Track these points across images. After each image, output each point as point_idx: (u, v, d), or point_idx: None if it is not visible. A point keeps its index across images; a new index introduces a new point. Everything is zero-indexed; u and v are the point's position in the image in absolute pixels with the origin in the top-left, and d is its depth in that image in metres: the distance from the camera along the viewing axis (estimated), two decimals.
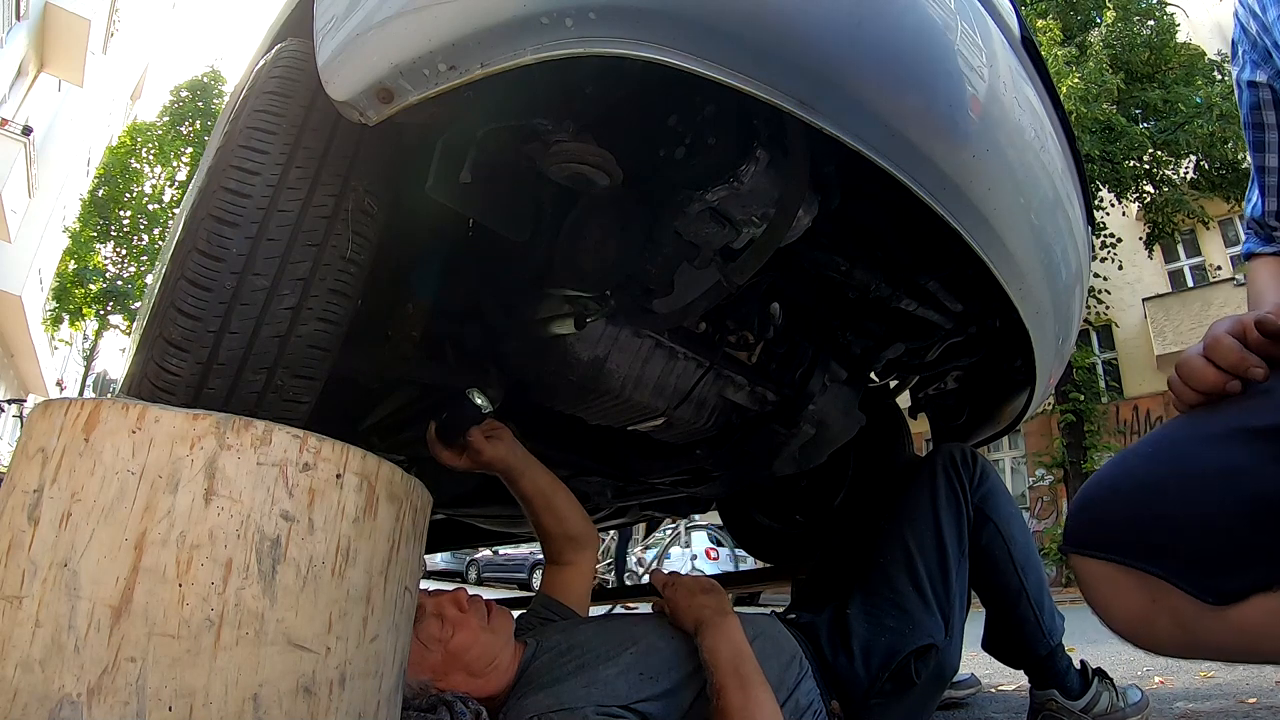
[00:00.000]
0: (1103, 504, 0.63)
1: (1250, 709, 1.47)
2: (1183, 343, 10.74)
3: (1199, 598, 0.55)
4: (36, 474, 0.60)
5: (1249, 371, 0.59)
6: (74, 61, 12.17)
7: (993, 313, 1.26)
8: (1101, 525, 0.62)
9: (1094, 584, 0.62)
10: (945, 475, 1.33)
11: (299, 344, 0.80)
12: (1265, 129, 0.91)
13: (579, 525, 1.27)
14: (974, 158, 0.78)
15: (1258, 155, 0.93)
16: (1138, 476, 0.62)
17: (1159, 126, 9.52)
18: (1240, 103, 0.93)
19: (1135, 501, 0.61)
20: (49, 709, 0.53)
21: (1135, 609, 0.60)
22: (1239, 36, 0.92)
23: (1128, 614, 0.60)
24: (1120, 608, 0.61)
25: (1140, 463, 0.63)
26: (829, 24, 0.66)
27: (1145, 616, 0.59)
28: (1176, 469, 0.59)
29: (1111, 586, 0.61)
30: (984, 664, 2.18)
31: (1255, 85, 0.90)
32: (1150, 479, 0.61)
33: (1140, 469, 0.63)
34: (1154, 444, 0.63)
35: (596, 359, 1.15)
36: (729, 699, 0.92)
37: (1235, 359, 0.60)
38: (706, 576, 1.19)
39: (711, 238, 0.92)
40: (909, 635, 1.19)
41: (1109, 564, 0.61)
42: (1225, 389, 0.60)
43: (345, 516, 0.65)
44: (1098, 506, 0.64)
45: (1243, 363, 0.59)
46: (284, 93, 0.84)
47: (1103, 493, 0.64)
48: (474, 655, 0.97)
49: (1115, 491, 0.63)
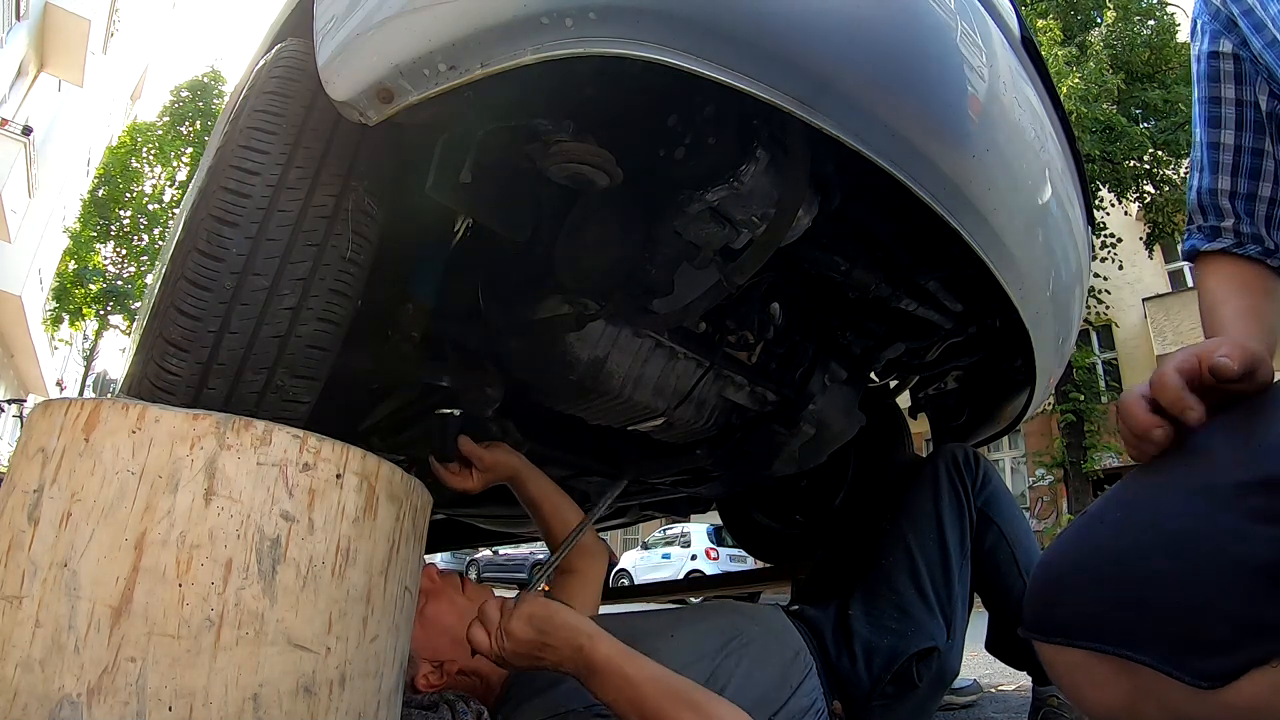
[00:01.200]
0: (1069, 585, 0.55)
1: None
2: (1183, 343, 10.71)
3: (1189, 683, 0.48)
4: (36, 474, 0.60)
5: (1184, 414, 0.51)
6: (74, 61, 12.17)
7: (993, 313, 1.26)
8: (1070, 610, 0.54)
9: (1066, 674, 0.55)
10: (948, 476, 1.33)
11: (299, 344, 0.80)
12: (1223, 103, 0.86)
13: (587, 534, 1.28)
14: (974, 158, 0.78)
15: (1212, 131, 0.87)
16: (1108, 550, 0.54)
17: (1159, 126, 9.53)
18: (1196, 79, 0.89)
19: (1108, 581, 0.52)
20: (49, 709, 0.53)
21: (1117, 699, 0.52)
22: (1199, 9, 0.89)
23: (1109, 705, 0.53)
24: (1099, 699, 0.53)
25: (1108, 532, 0.55)
26: (829, 24, 0.67)
27: (1128, 705, 0.52)
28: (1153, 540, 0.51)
29: (1087, 676, 0.53)
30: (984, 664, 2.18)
31: (1216, 55, 0.86)
32: (1120, 551, 0.53)
33: (1109, 541, 0.54)
34: (1118, 507, 0.56)
35: (596, 359, 1.15)
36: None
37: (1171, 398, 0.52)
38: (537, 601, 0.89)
39: (711, 238, 0.92)
40: (911, 637, 1.19)
41: (1080, 651, 0.53)
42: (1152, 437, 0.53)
43: (345, 516, 0.65)
44: (1063, 587, 0.56)
45: (1178, 404, 0.51)
46: (284, 93, 0.84)
47: (1066, 570, 0.56)
48: (452, 621, 0.96)
49: (1080, 567, 0.55)
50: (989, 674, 2.22)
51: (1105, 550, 0.54)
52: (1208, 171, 0.90)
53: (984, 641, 1.39)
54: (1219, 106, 0.87)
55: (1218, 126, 0.87)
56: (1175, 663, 0.48)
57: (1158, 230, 10.48)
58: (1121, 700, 0.52)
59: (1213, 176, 0.89)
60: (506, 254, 1.12)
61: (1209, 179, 0.89)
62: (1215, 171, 0.88)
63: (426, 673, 0.93)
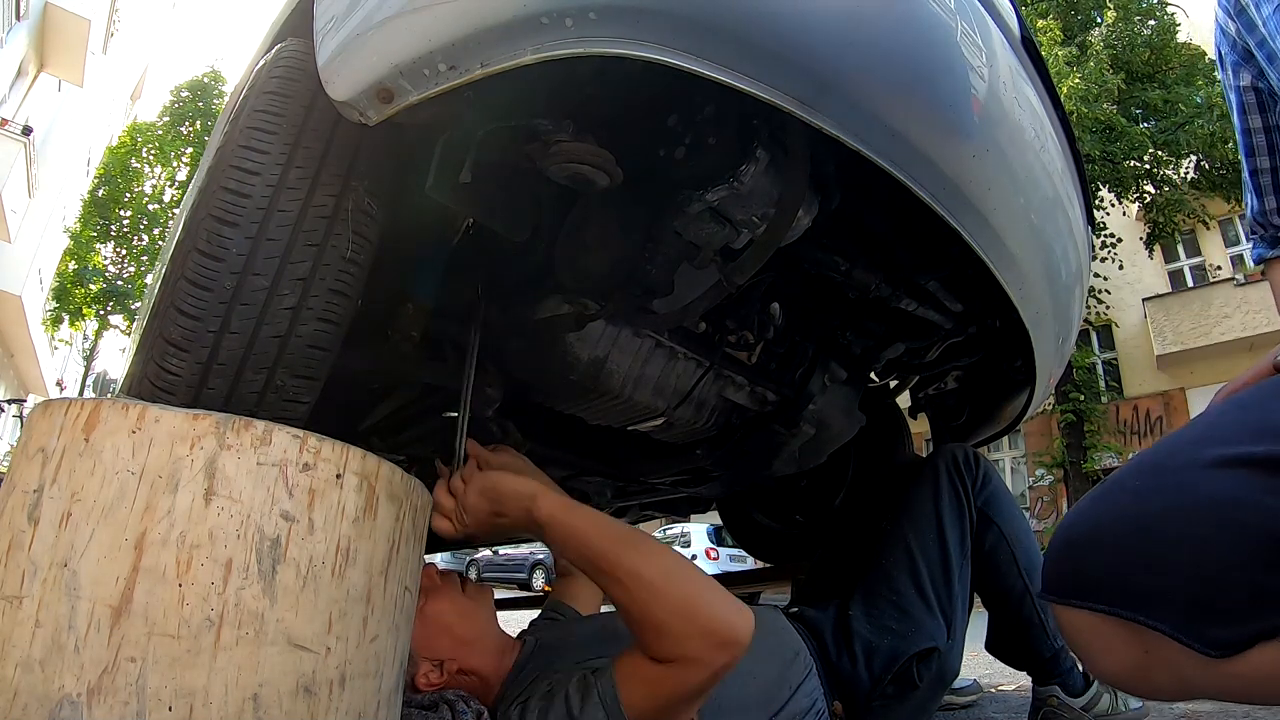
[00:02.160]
0: (1087, 548, 0.57)
1: (1250, 709, 1.47)
2: (1183, 343, 10.75)
3: (1200, 650, 0.50)
4: (36, 474, 0.60)
5: None
6: (74, 61, 12.17)
7: (993, 313, 1.26)
8: (1087, 572, 0.56)
9: (1080, 637, 0.57)
10: (948, 476, 1.33)
11: (299, 344, 0.80)
12: (1253, 133, 0.89)
13: None
14: (974, 158, 0.78)
15: (1250, 160, 0.91)
16: (1127, 515, 0.55)
17: (1159, 126, 9.53)
18: (1232, 108, 0.93)
19: (1124, 545, 0.54)
20: (49, 709, 0.53)
21: (1128, 663, 0.55)
22: (1219, 39, 0.91)
23: (1120, 668, 0.56)
24: (1111, 662, 0.56)
25: (1128, 499, 0.56)
26: (829, 24, 0.67)
27: (1139, 669, 0.54)
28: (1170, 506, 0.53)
29: (1100, 639, 0.56)
30: (984, 664, 2.18)
31: (1240, 89, 0.89)
32: (1141, 518, 0.54)
33: (1129, 507, 0.56)
34: (1140, 475, 0.57)
35: (596, 359, 1.15)
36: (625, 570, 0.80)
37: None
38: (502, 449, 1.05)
39: (711, 238, 0.92)
40: (911, 638, 1.19)
41: (1096, 615, 0.55)
42: None
43: (345, 516, 0.65)
44: (1081, 551, 0.58)
45: None
46: (284, 93, 0.84)
47: (1086, 534, 0.58)
48: (453, 620, 0.96)
49: (1100, 532, 0.57)
50: (989, 674, 2.22)
51: (1125, 517, 0.55)
52: (1254, 194, 0.93)
53: (984, 641, 1.39)
54: (1250, 136, 0.90)
55: (1253, 155, 0.91)
56: (1187, 629, 0.50)
57: (1158, 230, 10.47)
58: (1134, 665, 0.54)
59: (1259, 200, 0.92)
60: (506, 254, 1.12)
61: (1256, 201, 0.93)
62: (1260, 195, 0.92)
63: (426, 671, 0.92)
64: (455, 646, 0.94)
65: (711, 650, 0.78)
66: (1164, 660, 0.52)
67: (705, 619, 0.79)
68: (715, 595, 0.81)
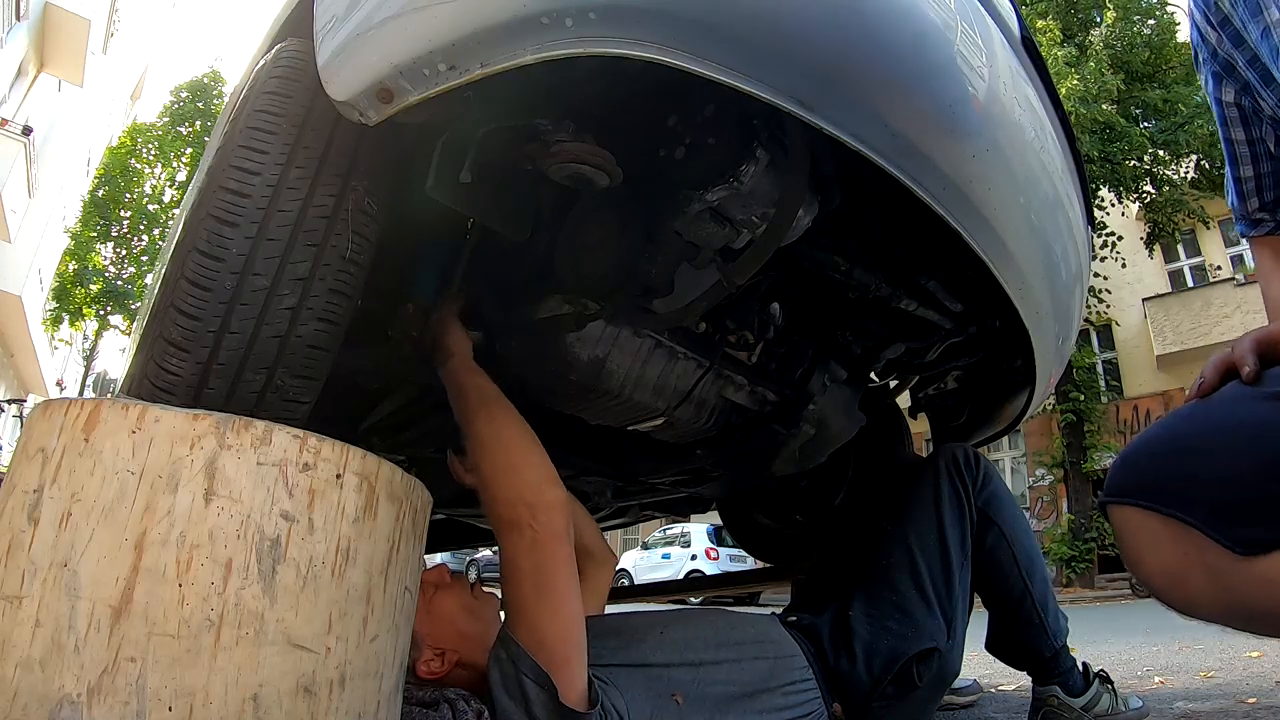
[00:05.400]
0: (1139, 455, 0.67)
1: (1250, 709, 1.47)
2: (1183, 343, 10.75)
3: (1228, 547, 0.57)
4: (36, 474, 0.60)
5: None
6: (74, 61, 12.16)
7: (993, 313, 1.25)
8: (1137, 474, 0.66)
9: (1129, 534, 0.65)
10: (948, 477, 1.33)
11: (299, 344, 0.80)
12: (1237, 144, 0.93)
13: (594, 540, 1.29)
14: (974, 158, 0.78)
15: (1233, 167, 0.95)
16: (1174, 432, 0.67)
17: (1159, 126, 9.52)
18: (1216, 118, 0.94)
19: (1169, 453, 0.65)
20: (49, 709, 0.53)
21: (1169, 561, 0.62)
22: (1197, 42, 0.92)
23: (1162, 566, 0.63)
24: (1154, 560, 0.63)
25: (1177, 421, 0.68)
26: (829, 24, 0.66)
27: (1179, 569, 0.61)
28: (1208, 424, 0.64)
29: (1147, 537, 0.63)
30: (984, 664, 2.18)
31: (1220, 103, 0.91)
32: (1184, 433, 0.66)
33: (1178, 426, 0.67)
34: (1194, 406, 0.67)
35: (596, 359, 1.15)
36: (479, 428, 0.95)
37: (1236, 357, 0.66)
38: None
39: (711, 238, 0.92)
40: (911, 638, 1.19)
41: (1143, 511, 0.63)
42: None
43: (345, 516, 0.65)
44: (1135, 458, 0.68)
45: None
46: (284, 93, 0.84)
47: (1140, 446, 0.68)
48: (458, 614, 0.99)
49: (1151, 444, 0.67)
50: (989, 674, 2.22)
51: (1174, 433, 0.67)
52: (1237, 196, 0.97)
53: (984, 641, 1.39)
54: (1234, 146, 0.94)
55: (1237, 164, 0.94)
56: (1216, 525, 0.58)
57: (1158, 230, 10.46)
58: (1174, 565, 0.62)
59: (1241, 201, 0.96)
60: (506, 254, 1.12)
61: (1239, 202, 0.97)
62: (1243, 197, 0.96)
63: (429, 659, 0.94)
64: (459, 640, 0.97)
65: (520, 509, 0.88)
66: (1200, 562, 0.59)
67: (518, 481, 0.90)
68: (532, 462, 0.93)
